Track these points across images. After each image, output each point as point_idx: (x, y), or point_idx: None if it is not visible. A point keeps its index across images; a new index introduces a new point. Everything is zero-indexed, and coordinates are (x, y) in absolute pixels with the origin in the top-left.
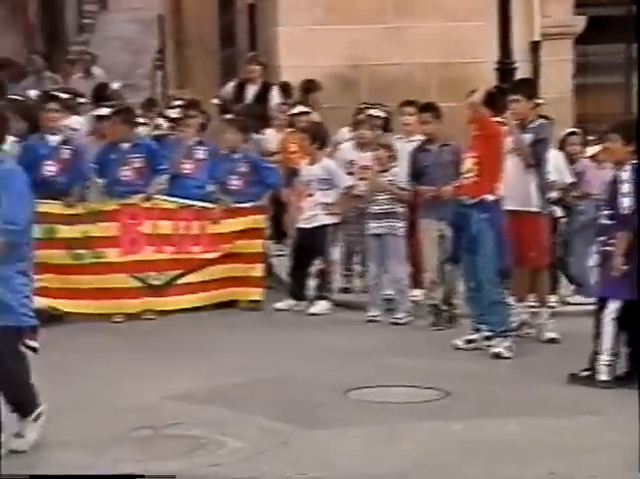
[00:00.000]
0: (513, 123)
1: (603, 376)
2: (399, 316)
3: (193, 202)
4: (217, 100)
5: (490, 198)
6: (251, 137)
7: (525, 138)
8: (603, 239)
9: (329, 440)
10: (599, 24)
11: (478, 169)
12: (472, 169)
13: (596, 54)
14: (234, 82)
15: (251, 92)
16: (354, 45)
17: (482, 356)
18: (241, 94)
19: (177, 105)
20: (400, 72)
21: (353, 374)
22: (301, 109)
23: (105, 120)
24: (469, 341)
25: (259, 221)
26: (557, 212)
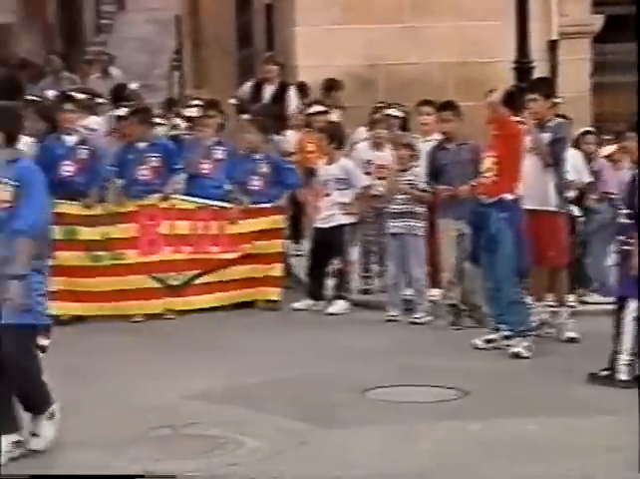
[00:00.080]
0: (532, 122)
1: (623, 376)
2: (417, 316)
3: (212, 202)
4: (235, 100)
5: (510, 197)
6: (272, 137)
7: (544, 137)
8: (622, 238)
9: (347, 440)
10: (617, 23)
11: (497, 168)
12: (491, 168)
13: (614, 53)
14: (251, 82)
15: (268, 92)
16: (371, 45)
17: (501, 356)
18: (258, 94)
19: (195, 104)
20: (417, 71)
21: (371, 374)
22: (318, 108)
23: (124, 120)
24: (488, 341)
25: (279, 221)
26: (575, 211)
